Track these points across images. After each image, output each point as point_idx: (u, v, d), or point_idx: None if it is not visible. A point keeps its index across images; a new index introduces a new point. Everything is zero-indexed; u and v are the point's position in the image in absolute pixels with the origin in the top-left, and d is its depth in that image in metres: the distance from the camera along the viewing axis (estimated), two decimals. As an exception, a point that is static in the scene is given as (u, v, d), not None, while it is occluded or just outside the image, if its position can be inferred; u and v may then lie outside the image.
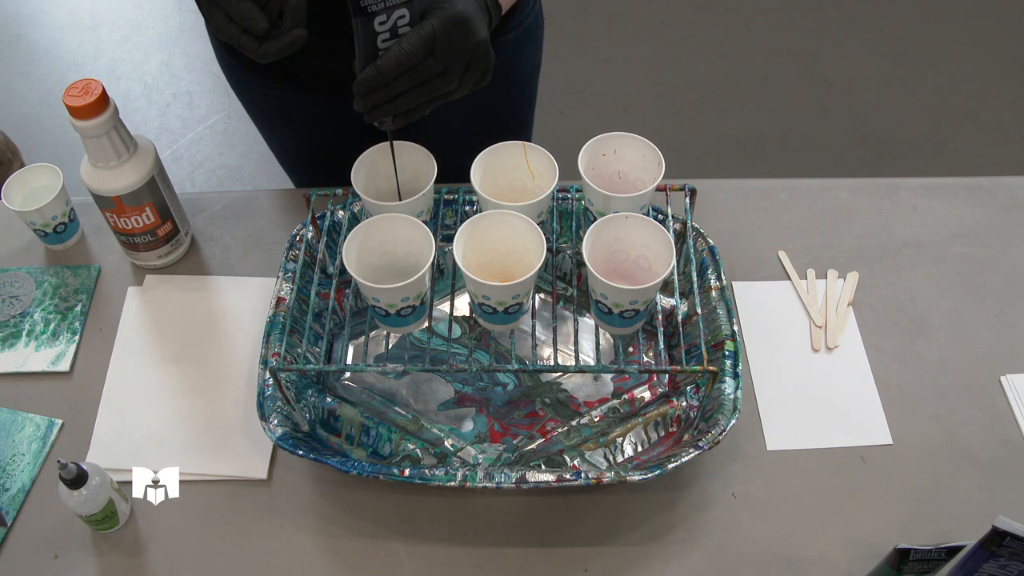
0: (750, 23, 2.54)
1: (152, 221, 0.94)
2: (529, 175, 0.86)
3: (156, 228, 0.95)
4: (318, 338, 0.90)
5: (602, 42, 2.48)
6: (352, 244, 0.78)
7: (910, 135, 2.24)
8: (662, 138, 0.89)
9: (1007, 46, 2.47)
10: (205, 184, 2.18)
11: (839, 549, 0.80)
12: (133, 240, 0.95)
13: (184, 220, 1.00)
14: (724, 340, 0.85)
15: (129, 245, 0.97)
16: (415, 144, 0.85)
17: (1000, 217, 1.05)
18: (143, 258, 0.98)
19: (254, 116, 1.15)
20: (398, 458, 0.84)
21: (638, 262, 0.82)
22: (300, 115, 1.08)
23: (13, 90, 2.41)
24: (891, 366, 0.92)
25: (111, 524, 0.80)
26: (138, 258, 0.98)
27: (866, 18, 2.54)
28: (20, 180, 1.00)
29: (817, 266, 1.00)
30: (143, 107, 2.37)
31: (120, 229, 0.94)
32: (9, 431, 0.88)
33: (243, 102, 1.13)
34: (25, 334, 0.95)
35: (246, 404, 0.89)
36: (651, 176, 0.84)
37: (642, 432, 0.86)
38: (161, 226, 0.95)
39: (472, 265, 0.80)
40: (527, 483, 0.76)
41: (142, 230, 0.94)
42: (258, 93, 1.08)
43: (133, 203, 0.91)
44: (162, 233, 0.96)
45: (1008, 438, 0.87)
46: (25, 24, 2.62)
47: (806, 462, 0.86)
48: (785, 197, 1.07)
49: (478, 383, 0.90)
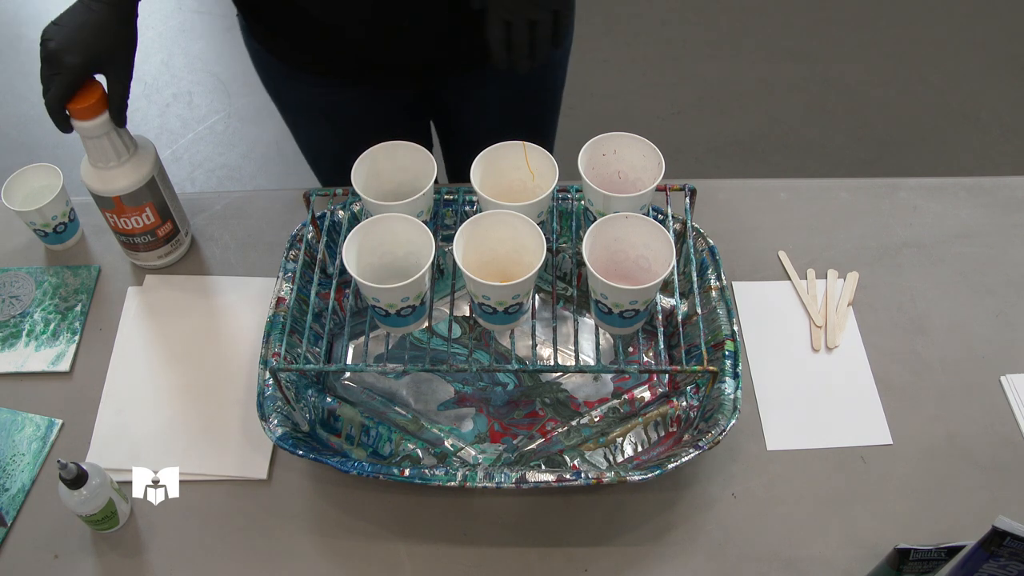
0: (750, 23, 2.54)
1: (152, 221, 0.94)
2: (529, 175, 0.86)
3: (156, 228, 0.95)
4: (318, 338, 0.90)
5: (602, 42, 2.48)
6: (352, 244, 0.78)
7: (910, 135, 2.24)
8: (662, 138, 0.89)
9: (1007, 46, 2.47)
10: (205, 184, 2.18)
11: (839, 549, 0.80)
12: (133, 240, 0.95)
13: (184, 220, 1.00)
14: (724, 340, 0.85)
15: (129, 245, 0.97)
16: (415, 144, 0.85)
17: (1000, 217, 1.05)
18: (143, 258, 0.98)
19: (292, 116, 1.14)
20: (398, 458, 0.84)
21: (638, 262, 0.82)
22: (344, 111, 1.08)
23: (13, 90, 2.41)
24: (891, 366, 0.92)
25: (111, 524, 0.80)
26: (138, 258, 0.99)
27: (866, 18, 2.54)
28: (20, 180, 1.00)
29: (817, 266, 1.00)
30: (143, 107, 2.36)
31: (120, 229, 0.94)
32: (9, 431, 0.88)
33: (282, 103, 1.12)
34: (25, 334, 0.95)
35: (246, 404, 0.89)
36: (651, 176, 0.84)
37: (642, 432, 0.86)
38: (161, 226, 0.95)
39: (472, 265, 0.80)
40: (527, 483, 0.76)
41: (142, 230, 0.94)
42: (301, 92, 1.07)
43: (133, 203, 0.91)
44: (162, 233, 0.96)
45: (1008, 438, 0.87)
46: (25, 24, 2.62)
47: (806, 462, 0.86)
48: (785, 197, 1.07)
49: (478, 383, 0.90)
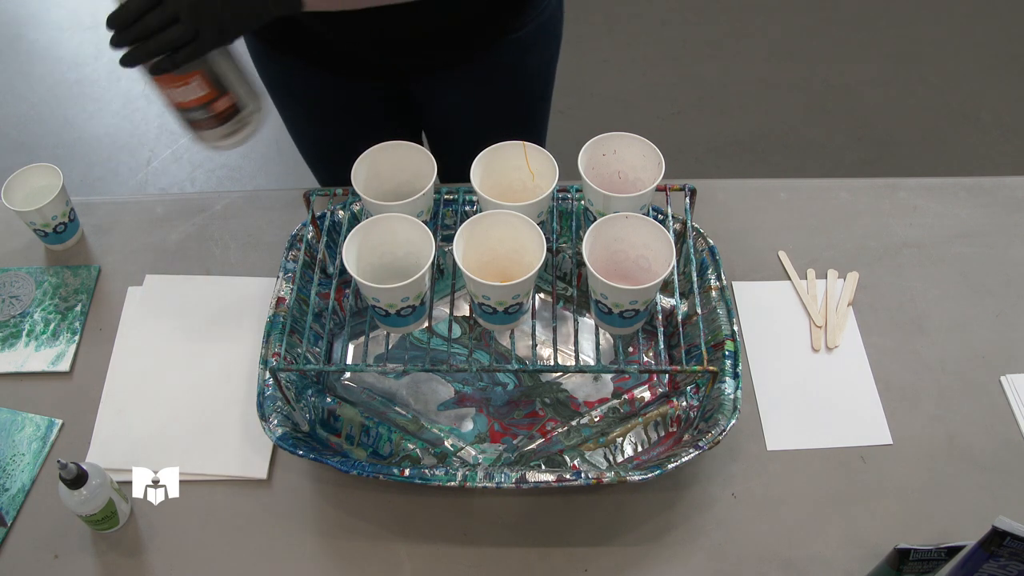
0: (750, 23, 2.54)
1: (205, 94, 0.84)
2: (529, 175, 0.86)
3: (211, 102, 0.85)
4: (318, 338, 0.90)
5: (602, 42, 2.48)
6: (352, 244, 0.78)
7: (910, 135, 2.24)
8: (662, 138, 0.89)
9: (1007, 46, 2.46)
10: (205, 184, 2.18)
11: (839, 549, 0.80)
12: (189, 116, 0.86)
13: (253, 96, 0.89)
14: (724, 340, 0.85)
15: (190, 123, 0.87)
16: (415, 144, 0.85)
17: (1000, 217, 1.05)
18: (207, 137, 0.88)
19: (291, 113, 1.13)
20: (398, 458, 0.84)
21: (638, 262, 0.82)
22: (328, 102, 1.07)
23: (13, 90, 2.41)
24: (891, 366, 0.92)
25: (111, 524, 0.80)
26: (202, 137, 0.89)
27: (866, 18, 2.54)
28: (20, 180, 1.00)
29: (817, 266, 1.00)
30: (143, 107, 2.36)
31: (173, 103, 0.84)
32: (9, 431, 0.88)
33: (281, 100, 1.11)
34: (25, 334, 0.95)
35: (246, 404, 0.89)
36: (651, 176, 0.84)
37: (642, 432, 0.86)
38: (217, 100, 0.85)
39: (472, 265, 0.80)
40: (527, 483, 0.76)
41: (195, 103, 0.84)
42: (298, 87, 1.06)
43: (178, 71, 0.82)
44: (220, 108, 0.85)
45: (1008, 438, 0.87)
46: (25, 24, 2.62)
47: (806, 462, 0.86)
48: (785, 197, 1.07)
49: (478, 383, 0.90)
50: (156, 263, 1.02)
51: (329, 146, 1.16)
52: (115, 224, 1.06)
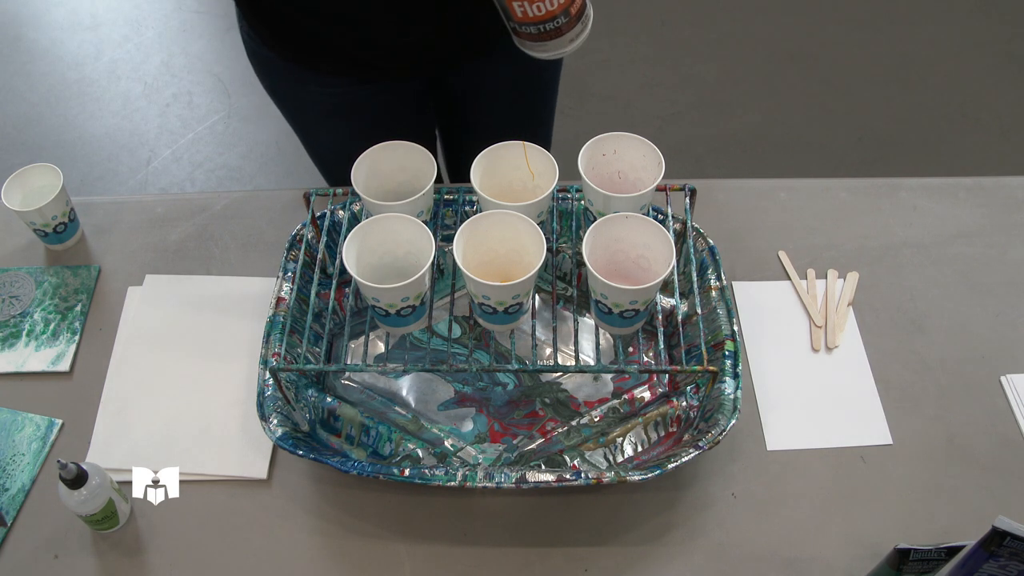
0: (750, 23, 2.53)
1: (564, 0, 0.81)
2: (529, 175, 0.86)
3: (569, 6, 0.81)
4: (318, 338, 0.90)
5: (602, 42, 2.48)
6: (352, 244, 0.78)
7: (910, 135, 2.24)
8: (662, 138, 0.89)
9: (1007, 46, 2.46)
10: (205, 184, 2.18)
11: (839, 549, 0.80)
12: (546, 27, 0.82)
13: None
14: (724, 340, 0.85)
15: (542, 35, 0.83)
16: (415, 144, 0.85)
17: (1000, 217, 1.05)
18: (553, 47, 0.84)
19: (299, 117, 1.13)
20: (398, 458, 0.84)
21: (638, 262, 0.82)
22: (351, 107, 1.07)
23: (13, 90, 2.41)
24: (891, 366, 0.92)
25: (111, 524, 0.80)
26: (547, 48, 0.84)
27: (866, 18, 2.54)
28: (20, 180, 1.00)
29: (817, 266, 1.00)
30: (143, 107, 2.36)
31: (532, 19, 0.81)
32: (9, 431, 0.88)
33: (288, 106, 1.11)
34: (25, 334, 0.95)
35: (246, 404, 0.89)
36: (651, 176, 0.84)
37: (642, 432, 0.86)
38: (573, 3, 0.81)
39: (472, 265, 0.80)
40: (527, 483, 0.76)
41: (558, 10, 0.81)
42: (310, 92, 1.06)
43: None
44: (575, 10, 0.82)
45: (1008, 438, 0.87)
46: (25, 24, 2.62)
47: (806, 462, 0.86)
48: (785, 197, 1.07)
49: (478, 383, 0.90)
50: (156, 263, 1.02)
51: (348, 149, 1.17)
52: (115, 224, 1.06)
